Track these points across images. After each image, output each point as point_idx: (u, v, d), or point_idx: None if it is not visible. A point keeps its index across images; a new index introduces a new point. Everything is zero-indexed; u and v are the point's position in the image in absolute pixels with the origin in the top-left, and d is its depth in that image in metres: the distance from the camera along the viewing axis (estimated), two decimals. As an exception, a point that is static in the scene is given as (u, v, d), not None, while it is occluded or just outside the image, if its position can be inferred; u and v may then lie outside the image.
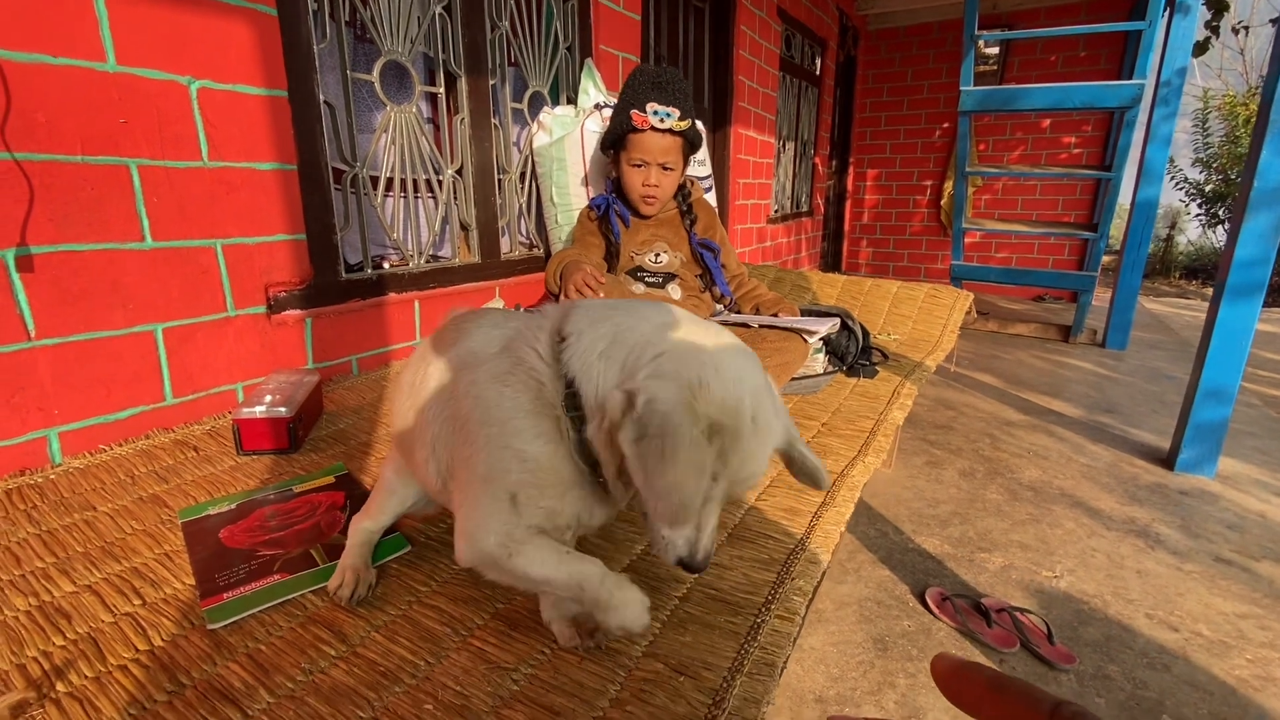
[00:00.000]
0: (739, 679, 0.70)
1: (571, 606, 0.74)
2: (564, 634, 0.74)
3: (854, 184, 6.59)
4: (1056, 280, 4.51)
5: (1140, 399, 3.34)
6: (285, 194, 1.47)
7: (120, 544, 0.93)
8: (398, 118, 1.76)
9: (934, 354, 2.00)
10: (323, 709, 0.65)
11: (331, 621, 0.78)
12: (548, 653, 0.74)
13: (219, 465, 1.18)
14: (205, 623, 0.77)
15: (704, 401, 0.59)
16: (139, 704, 0.66)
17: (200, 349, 1.36)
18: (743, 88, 3.65)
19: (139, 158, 1.22)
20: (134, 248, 1.23)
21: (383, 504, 0.87)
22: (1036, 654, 1.55)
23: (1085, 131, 5.57)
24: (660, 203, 1.74)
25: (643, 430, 0.57)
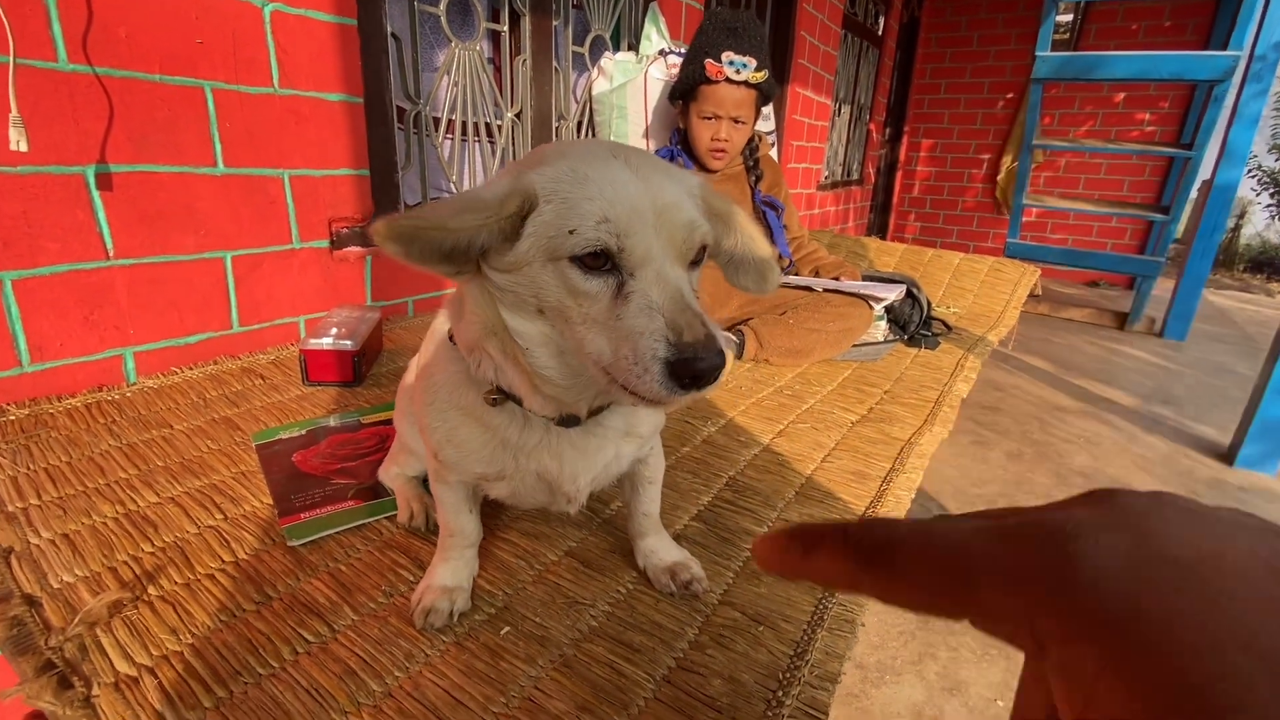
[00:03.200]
0: (820, 632, 0.69)
1: (666, 556, 0.75)
2: (659, 580, 0.74)
3: (906, 154, 6.35)
4: (1119, 264, 4.31)
5: (1201, 392, 3.20)
6: (351, 128, 1.45)
7: (198, 461, 0.95)
8: (461, 56, 1.72)
9: (996, 329, 1.93)
10: (406, 629, 0.66)
11: (407, 548, 0.79)
12: (623, 592, 0.74)
13: (285, 394, 1.20)
14: (285, 539, 0.78)
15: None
16: (229, 611, 0.67)
17: (266, 279, 1.36)
18: (804, 44, 3.50)
19: (214, 80, 1.21)
20: (206, 172, 1.23)
21: (406, 459, 0.87)
22: (1084, 638, 1.52)
23: (1161, 108, 5.24)
24: (729, 158, 1.67)
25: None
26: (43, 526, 0.78)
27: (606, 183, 0.48)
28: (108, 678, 0.59)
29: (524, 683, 0.61)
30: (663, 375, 0.44)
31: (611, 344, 0.47)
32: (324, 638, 0.65)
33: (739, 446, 1.11)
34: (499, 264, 0.50)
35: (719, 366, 0.44)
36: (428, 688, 0.60)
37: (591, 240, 0.46)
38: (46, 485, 0.86)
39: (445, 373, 0.62)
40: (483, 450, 0.61)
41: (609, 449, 0.64)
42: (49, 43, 1.02)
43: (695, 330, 0.45)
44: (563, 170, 0.49)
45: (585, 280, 0.48)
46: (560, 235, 0.47)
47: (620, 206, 0.47)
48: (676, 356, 0.44)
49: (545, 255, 0.48)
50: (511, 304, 0.51)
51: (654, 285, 0.47)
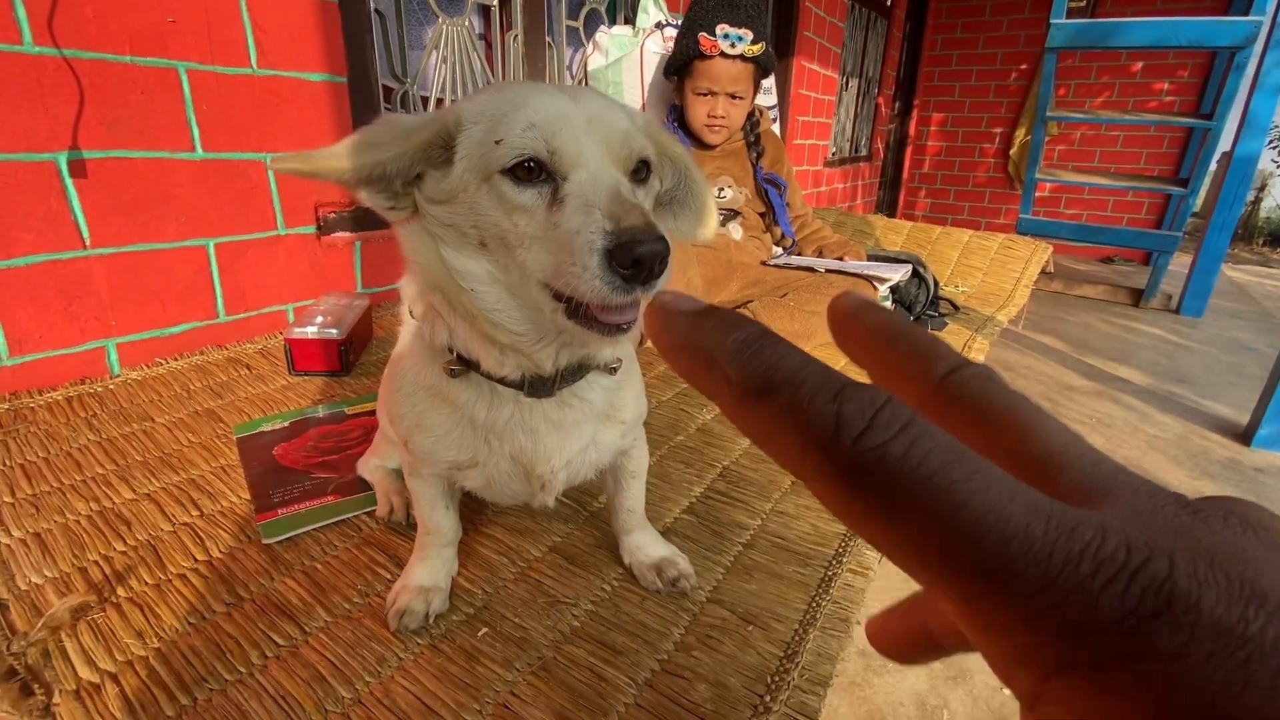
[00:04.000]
0: (812, 632, 0.66)
1: (652, 551, 0.72)
2: (645, 577, 0.71)
3: (916, 128, 6.20)
4: (1134, 239, 4.20)
5: (1216, 370, 3.13)
6: (335, 109, 1.40)
7: (177, 455, 0.93)
8: (449, 31, 1.66)
9: (1006, 308, 1.88)
10: (380, 631, 0.64)
11: (386, 544, 0.76)
12: (608, 590, 0.71)
13: (271, 384, 1.17)
14: (260, 537, 0.76)
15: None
16: (198, 613, 0.65)
17: (252, 267, 1.33)
18: (809, 15, 3.39)
19: (188, 61, 1.17)
20: (185, 157, 1.20)
21: (388, 451, 0.84)
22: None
23: (1181, 77, 5.07)
24: (728, 133, 1.62)
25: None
26: (14, 525, 0.76)
27: (533, 95, 0.46)
28: (69, 685, 0.57)
29: (499, 688, 0.58)
30: (602, 267, 0.41)
31: (553, 256, 0.44)
32: (295, 641, 0.62)
33: (734, 434, 1.07)
34: (435, 194, 0.48)
35: (661, 252, 0.41)
36: (399, 694, 0.57)
37: (518, 147, 0.44)
38: (21, 482, 0.84)
39: (411, 353, 0.59)
40: (452, 433, 0.58)
41: (586, 429, 0.60)
42: (12, 24, 0.98)
43: (634, 217, 0.42)
44: (490, 95, 0.48)
45: (519, 192, 0.45)
46: (488, 148, 0.45)
47: (547, 112, 0.45)
48: (614, 243, 0.41)
49: (478, 175, 0.46)
50: (453, 241, 0.49)
51: (588, 184, 0.44)
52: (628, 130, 0.48)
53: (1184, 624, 0.11)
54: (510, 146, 0.44)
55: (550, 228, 0.44)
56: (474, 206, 0.47)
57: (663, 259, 0.41)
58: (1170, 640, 0.11)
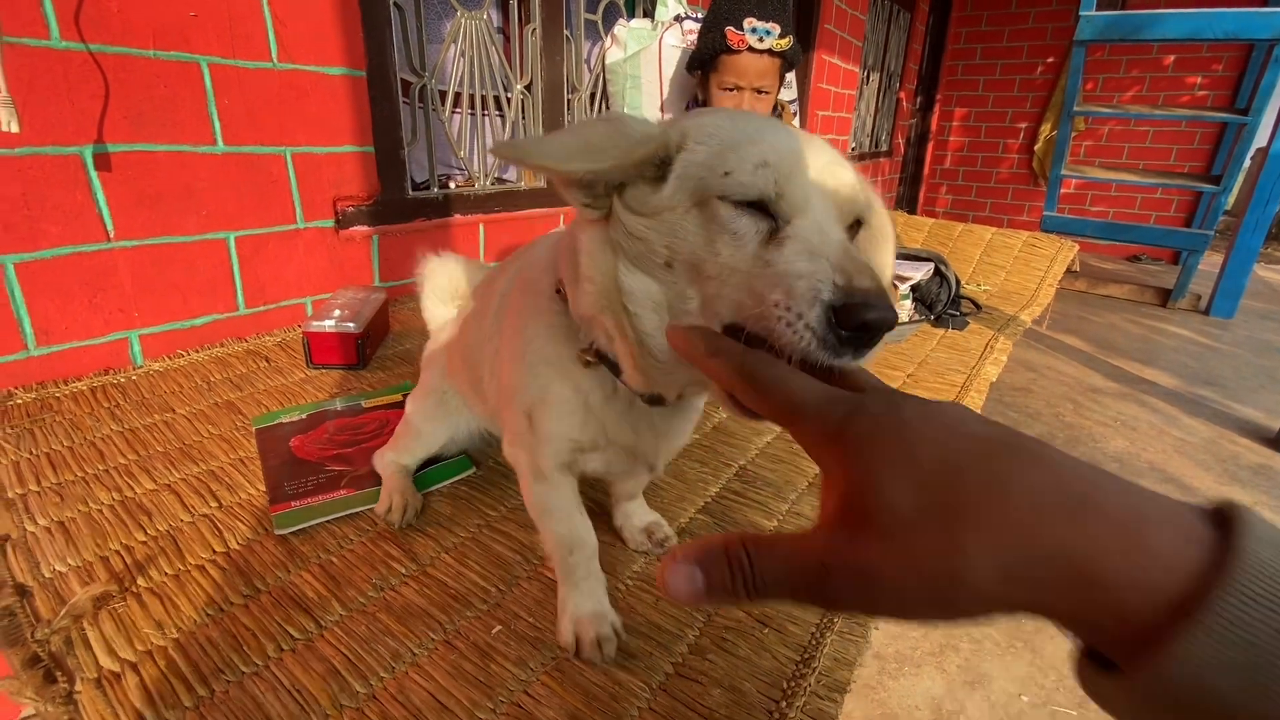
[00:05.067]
0: (829, 636, 0.65)
1: (645, 516, 0.79)
2: (634, 539, 0.77)
3: (938, 124, 6.10)
4: (1164, 238, 4.10)
5: (1247, 373, 3.05)
6: (354, 103, 1.41)
7: (198, 447, 0.94)
8: (468, 25, 1.66)
9: (1030, 308, 1.84)
10: (395, 626, 0.64)
11: (400, 539, 0.76)
12: (621, 590, 0.70)
13: (290, 377, 1.18)
14: (273, 528, 0.76)
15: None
16: (216, 605, 0.66)
17: (271, 260, 1.34)
18: (830, 8, 3.35)
19: (210, 55, 1.17)
20: (206, 151, 1.21)
21: (408, 445, 0.85)
22: (1115, 631, 1.46)
23: (1214, 71, 4.93)
24: None
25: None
26: (39, 513, 0.77)
27: (766, 131, 0.44)
28: (90, 673, 0.58)
29: (513, 687, 0.58)
30: (820, 321, 0.36)
31: (756, 293, 0.39)
32: (310, 634, 0.62)
33: (749, 434, 1.06)
34: (638, 206, 0.45)
35: (890, 320, 0.36)
36: (413, 690, 0.57)
37: (748, 184, 0.41)
38: (46, 471, 0.86)
39: (541, 326, 0.58)
40: (576, 414, 0.58)
41: (687, 431, 0.64)
42: (40, 19, 1.00)
43: (867, 277, 0.37)
44: (719, 119, 0.45)
45: (735, 217, 0.42)
46: (712, 176, 0.42)
47: (781, 153, 0.42)
48: (842, 301, 0.36)
49: (692, 199, 0.43)
50: (636, 255, 0.46)
51: (815, 233, 0.40)
52: (853, 182, 0.45)
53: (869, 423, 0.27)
54: (739, 182, 0.41)
55: (761, 264, 0.40)
56: (675, 227, 0.44)
57: (890, 328, 0.37)
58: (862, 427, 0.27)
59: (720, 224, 0.42)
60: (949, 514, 0.24)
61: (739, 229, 0.42)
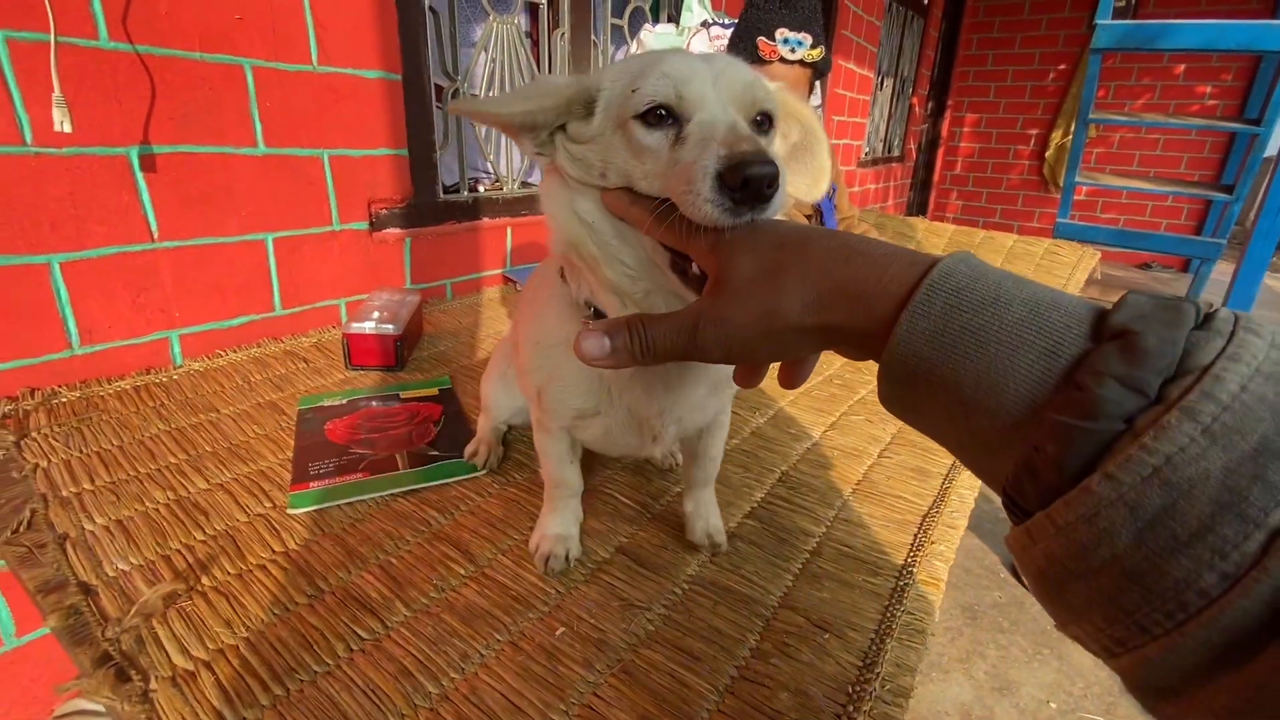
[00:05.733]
0: (889, 642, 0.65)
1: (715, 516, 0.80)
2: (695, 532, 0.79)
3: (949, 129, 6.11)
4: (1177, 246, 4.10)
5: (1262, 381, 3.05)
6: (390, 106, 1.42)
7: (245, 446, 0.95)
8: (499, 30, 1.67)
9: (1052, 316, 1.84)
10: (460, 627, 0.64)
11: (457, 540, 0.77)
12: (679, 593, 0.71)
13: (329, 378, 1.19)
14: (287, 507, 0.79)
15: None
16: (282, 604, 0.66)
17: (307, 262, 1.35)
18: (847, 13, 3.36)
19: (253, 58, 1.18)
20: (247, 153, 1.22)
21: (488, 413, 0.96)
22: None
23: (1224, 80, 4.94)
24: None
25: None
26: (96, 512, 0.78)
27: (668, 54, 0.53)
28: (165, 672, 0.58)
29: (582, 689, 0.59)
30: (714, 189, 0.42)
31: (671, 188, 0.46)
32: (377, 634, 0.63)
33: (790, 439, 1.06)
34: (576, 136, 0.54)
35: (770, 174, 0.42)
36: (485, 691, 0.58)
37: (650, 93, 0.49)
38: (99, 470, 0.86)
39: (552, 308, 0.65)
40: (581, 384, 0.65)
41: (699, 391, 0.66)
42: (89, 19, 1.01)
43: (746, 143, 0.44)
44: (631, 60, 0.55)
45: (648, 134, 0.49)
46: (624, 96, 0.51)
47: (679, 66, 0.50)
48: (726, 164, 0.42)
49: (614, 122, 0.52)
50: (579, 176, 0.54)
51: (708, 123, 0.47)
52: (751, 82, 0.51)
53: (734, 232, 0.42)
54: (644, 94, 0.49)
55: (671, 164, 0.47)
56: (606, 147, 0.52)
57: (771, 180, 0.42)
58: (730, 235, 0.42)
59: (638, 141, 0.50)
60: (773, 272, 0.37)
61: (652, 143, 0.49)
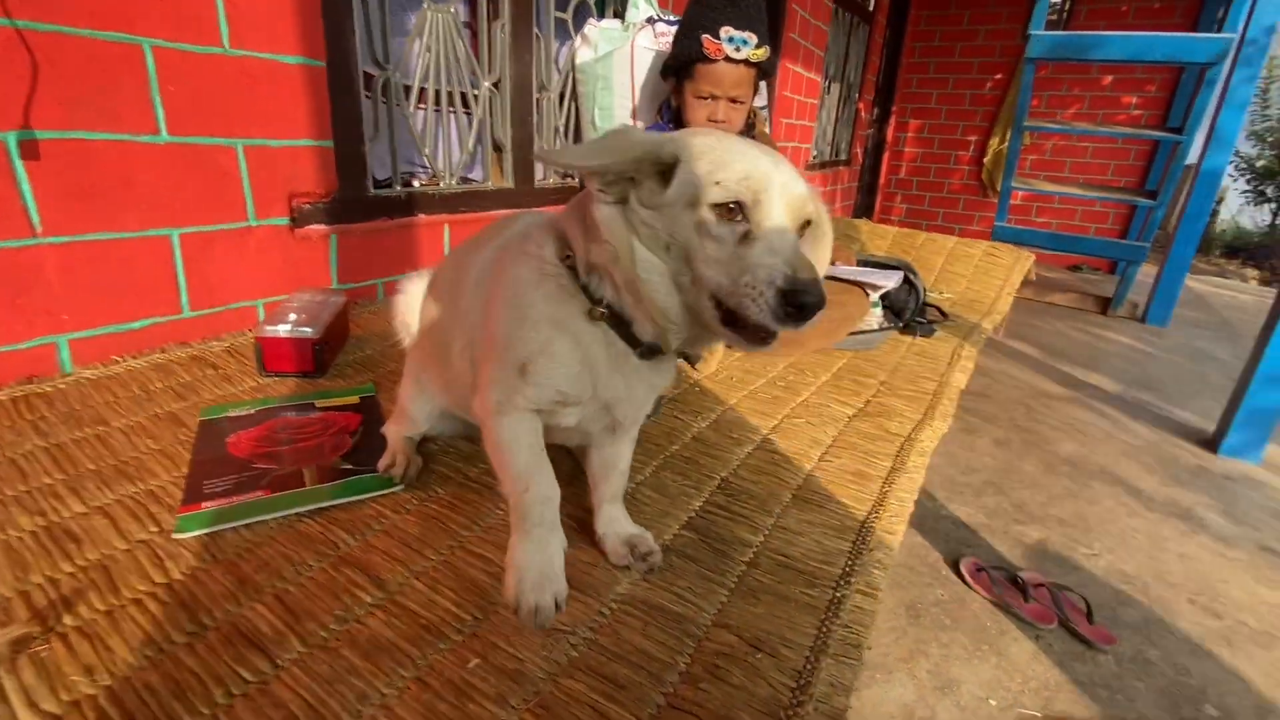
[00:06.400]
0: (824, 660, 0.63)
1: (628, 527, 0.77)
2: (616, 551, 0.75)
3: (894, 134, 6.27)
4: (1103, 249, 4.30)
5: (1183, 378, 3.21)
6: (312, 94, 1.33)
7: (135, 463, 0.86)
8: (434, 18, 1.60)
9: (990, 315, 1.88)
10: (360, 663, 0.58)
11: (366, 565, 0.71)
12: (607, 614, 0.67)
13: (239, 385, 1.10)
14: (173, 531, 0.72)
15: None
16: (156, 644, 0.59)
17: (219, 259, 1.25)
18: (795, 17, 3.38)
19: (154, 37, 1.09)
20: (149, 141, 1.12)
21: (402, 421, 0.90)
22: (1075, 632, 1.50)
23: (1148, 91, 5.22)
24: None
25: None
26: (-52, 543, 0.69)
27: (747, 152, 0.59)
28: (7, 730, 0.51)
29: (494, 727, 0.54)
30: (776, 301, 0.53)
31: (731, 276, 0.56)
32: (264, 676, 0.57)
33: (731, 444, 1.04)
34: (648, 200, 0.59)
35: (819, 305, 0.53)
36: (384, 736, 0.52)
37: (733, 192, 0.56)
38: (-43, 493, 0.77)
39: (543, 289, 0.66)
40: (573, 366, 0.66)
41: (656, 385, 0.72)
42: (-46, -12, 0.90)
43: (808, 271, 0.54)
44: (714, 140, 0.60)
45: (719, 225, 0.57)
46: (706, 185, 0.57)
47: (760, 170, 0.57)
48: (790, 286, 0.53)
49: (687, 200, 0.58)
50: (646, 237, 0.60)
51: (776, 236, 0.56)
52: (805, 194, 0.60)
53: None
54: (727, 189, 0.56)
55: (736, 258, 0.56)
56: (675, 221, 0.59)
57: (819, 307, 0.53)
58: None
59: (708, 227, 0.57)
60: None
61: (721, 234, 0.57)
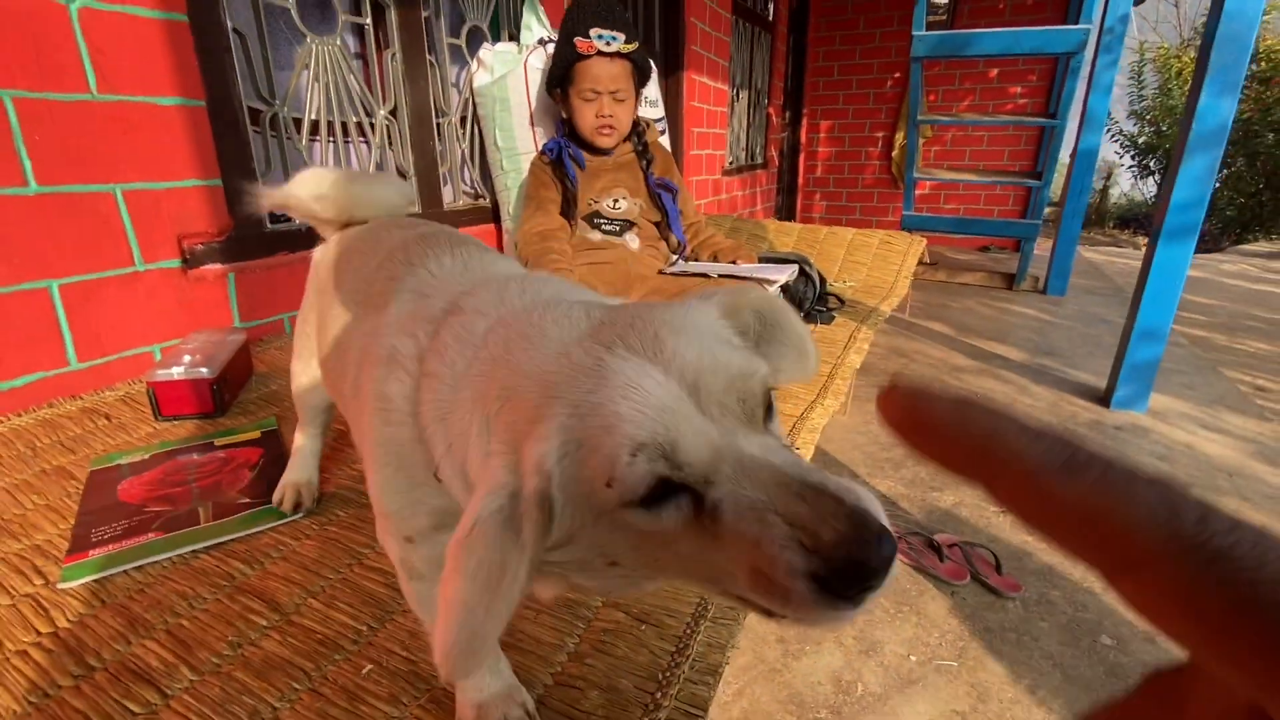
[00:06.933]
0: (703, 624, 0.68)
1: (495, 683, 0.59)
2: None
3: (807, 136, 6.54)
4: (1002, 229, 4.61)
5: (1079, 342, 3.47)
6: (194, 134, 1.32)
7: (19, 520, 0.84)
8: (320, 51, 1.61)
9: (888, 299, 2.01)
10: (253, 682, 0.60)
11: (263, 591, 0.72)
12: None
13: (135, 433, 1.08)
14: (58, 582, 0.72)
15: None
16: (41, 691, 0.59)
17: (107, 308, 1.23)
18: (694, 30, 3.52)
19: (12, 89, 1.07)
20: (16, 193, 1.09)
21: (310, 416, 0.88)
22: (985, 584, 1.61)
23: (1031, 81, 5.63)
24: (618, 134, 1.65)
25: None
26: None
27: (620, 395, 0.35)
28: (-126, 794, 0.50)
29: (385, 724, 0.56)
30: (812, 592, 0.31)
31: (730, 574, 0.34)
32: (154, 706, 0.58)
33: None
34: (547, 545, 0.38)
35: (891, 554, 0.31)
36: (273, 746, 0.54)
37: (638, 481, 0.34)
38: None
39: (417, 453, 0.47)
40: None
41: None
42: None
43: (830, 517, 0.31)
44: (559, 420, 0.36)
45: (652, 519, 0.35)
46: (597, 495, 0.35)
47: (651, 417, 0.34)
48: (825, 568, 0.30)
49: (593, 514, 0.36)
50: (579, 569, 0.40)
51: (742, 480, 0.34)
52: (740, 370, 0.37)
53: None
54: (627, 487, 0.34)
55: (711, 546, 0.34)
56: (595, 540, 0.38)
57: (889, 558, 0.31)
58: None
59: (641, 533, 0.36)
60: None
61: (666, 527, 0.35)
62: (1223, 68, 2.06)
